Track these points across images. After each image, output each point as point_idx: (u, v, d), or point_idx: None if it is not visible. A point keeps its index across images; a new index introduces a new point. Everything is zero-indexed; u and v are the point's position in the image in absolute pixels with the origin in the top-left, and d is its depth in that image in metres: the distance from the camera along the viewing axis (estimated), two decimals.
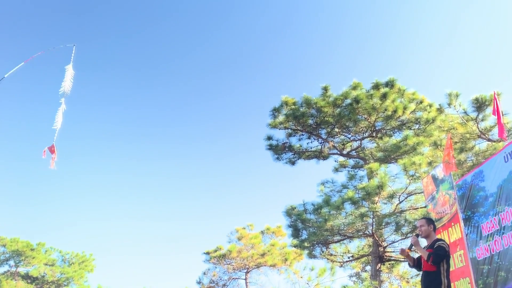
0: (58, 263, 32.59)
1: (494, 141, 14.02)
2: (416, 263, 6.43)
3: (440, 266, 5.86)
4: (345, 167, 18.10)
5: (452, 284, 6.30)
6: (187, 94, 60.78)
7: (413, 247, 6.12)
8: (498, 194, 7.10)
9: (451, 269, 6.89)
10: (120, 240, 54.56)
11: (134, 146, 56.82)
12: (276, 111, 17.51)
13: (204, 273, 27.47)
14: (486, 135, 14.69)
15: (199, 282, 27.53)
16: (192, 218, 58.65)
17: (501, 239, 6.95)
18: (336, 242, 17.43)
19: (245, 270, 26.87)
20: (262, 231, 27.61)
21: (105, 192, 54.58)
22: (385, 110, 15.87)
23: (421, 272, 6.21)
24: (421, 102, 16.25)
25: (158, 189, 57.24)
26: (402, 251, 6.54)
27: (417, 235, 6.21)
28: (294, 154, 18.12)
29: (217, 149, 60.99)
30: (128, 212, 56.27)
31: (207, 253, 26.81)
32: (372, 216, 15.19)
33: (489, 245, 7.26)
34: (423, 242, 6.52)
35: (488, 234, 7.30)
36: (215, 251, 26.67)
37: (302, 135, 17.86)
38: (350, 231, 16.08)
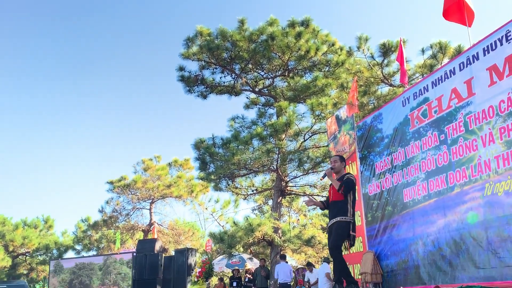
0: None
1: (396, 86, 14.89)
2: (325, 204, 6.85)
3: (347, 196, 6.40)
4: (256, 105, 18.28)
5: None
6: (103, 15, 56.74)
7: (326, 177, 6.50)
8: (393, 136, 7.62)
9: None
10: (15, 166, 51.60)
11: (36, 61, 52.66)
12: (190, 41, 16.94)
13: (107, 202, 27.13)
14: (389, 80, 15.52)
15: (101, 211, 27.19)
16: (96, 146, 56.79)
17: (392, 177, 7.55)
18: (242, 176, 17.92)
19: (150, 201, 26.91)
20: (169, 163, 27.56)
21: None
22: (299, 49, 16.04)
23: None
24: (333, 45, 16.62)
25: (58, 112, 54.24)
26: (309, 201, 7.01)
27: (332, 168, 6.63)
28: (206, 88, 17.88)
29: (126, 74, 58.53)
30: (25, 136, 52.99)
31: (111, 182, 26.33)
32: (277, 152, 15.73)
33: (380, 182, 7.87)
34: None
35: (380, 172, 7.88)
36: (119, 180, 26.26)
37: (216, 68, 17.59)
38: (256, 165, 16.58)
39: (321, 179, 6.82)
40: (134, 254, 17.25)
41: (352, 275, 6.59)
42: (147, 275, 16.89)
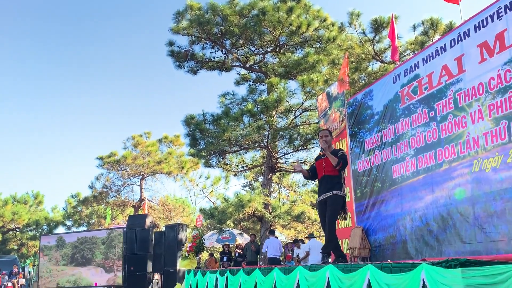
0: None
1: (387, 63, 14.85)
2: (310, 174, 6.88)
3: (341, 171, 6.50)
4: (246, 81, 18.18)
5: None
6: None
7: (324, 151, 6.49)
8: (383, 113, 7.64)
9: None
10: (5, 142, 51.18)
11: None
12: (180, 15, 16.70)
13: (97, 178, 27.07)
14: (380, 57, 15.47)
15: (91, 187, 27.16)
16: (86, 122, 56.39)
17: (381, 153, 7.60)
18: (232, 152, 17.96)
19: (140, 177, 26.91)
20: (159, 140, 27.47)
21: None
22: (290, 25, 15.89)
23: (312, 182, 6.78)
24: (324, 20, 16.48)
25: (48, 88, 53.60)
26: (298, 166, 7.15)
27: (325, 142, 6.60)
28: (196, 63, 17.72)
29: (116, 49, 57.76)
30: (14, 111, 52.41)
31: (101, 158, 26.23)
32: (268, 129, 15.74)
33: (369, 159, 7.93)
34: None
35: (370, 149, 7.93)
36: (109, 156, 26.16)
37: (206, 43, 17.40)
38: (247, 142, 16.60)
39: (320, 154, 6.75)
40: (125, 229, 17.35)
41: (341, 249, 6.69)
42: (137, 250, 17.04)
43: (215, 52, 17.49)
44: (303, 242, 13.94)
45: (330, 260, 6.58)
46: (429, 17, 14.44)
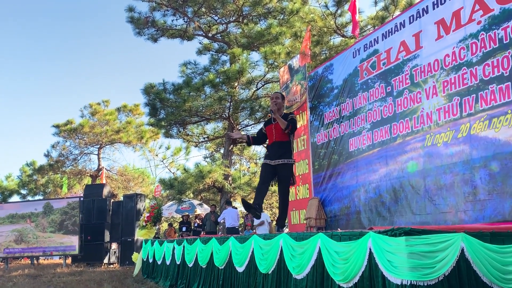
0: None
1: (348, 38, 14.95)
2: (252, 140, 6.77)
3: (290, 136, 6.37)
4: (209, 51, 17.90)
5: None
6: None
7: (272, 113, 6.30)
8: (342, 87, 7.74)
9: (294, 152, 7.60)
10: None
11: None
12: None
13: (53, 146, 26.31)
14: (341, 31, 15.55)
15: (47, 155, 26.40)
16: (41, 88, 54.39)
17: (339, 126, 7.73)
18: (193, 123, 17.81)
19: (98, 146, 26.34)
20: (118, 108, 26.82)
21: None
22: None
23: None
24: None
25: (1, 53, 51.17)
26: (236, 134, 7.14)
27: (275, 104, 6.38)
28: (157, 31, 17.27)
29: (73, 14, 55.52)
30: None
31: (57, 126, 25.42)
32: (230, 100, 15.67)
33: (328, 132, 8.05)
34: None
35: (329, 122, 8.05)
36: (66, 124, 25.38)
37: (167, 10, 16.95)
38: (208, 113, 16.48)
39: (268, 116, 6.58)
40: (81, 199, 17.08)
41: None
42: (94, 219, 16.86)
43: (176, 19, 17.09)
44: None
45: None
46: None
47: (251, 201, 6.12)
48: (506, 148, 4.78)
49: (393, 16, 11.07)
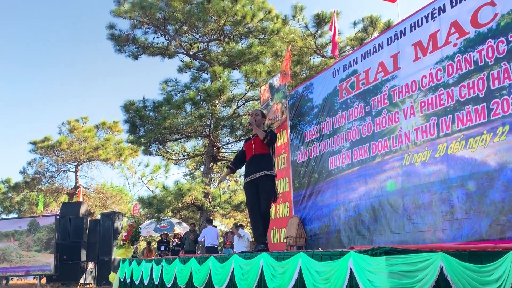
0: None
1: (327, 58, 15.18)
2: (233, 165, 6.68)
3: (270, 149, 6.24)
4: (190, 68, 17.93)
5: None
6: None
7: (250, 125, 6.27)
8: (322, 106, 7.82)
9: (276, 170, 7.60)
10: None
11: None
12: None
13: (30, 163, 25.81)
14: (321, 51, 15.79)
15: (23, 172, 25.86)
16: (19, 105, 53.52)
17: (319, 145, 7.79)
18: (173, 140, 17.72)
19: (76, 163, 25.93)
20: (97, 125, 26.54)
21: None
22: (235, 14, 15.81)
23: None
24: (269, 12, 16.53)
25: None
26: (222, 179, 7.92)
27: (255, 119, 6.38)
28: (138, 48, 17.25)
29: (55, 30, 55.12)
30: None
31: (34, 142, 25.00)
32: (210, 118, 15.66)
33: (308, 150, 8.10)
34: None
35: (309, 141, 8.10)
36: (43, 141, 24.98)
37: (149, 28, 16.97)
38: (188, 130, 16.43)
39: (246, 127, 6.52)
40: (58, 217, 16.73)
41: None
42: (71, 238, 16.50)
43: (157, 37, 17.11)
44: (242, 227, 14.31)
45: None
46: (369, 15, 14.93)
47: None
48: (482, 168, 4.87)
49: (372, 38, 11.30)
